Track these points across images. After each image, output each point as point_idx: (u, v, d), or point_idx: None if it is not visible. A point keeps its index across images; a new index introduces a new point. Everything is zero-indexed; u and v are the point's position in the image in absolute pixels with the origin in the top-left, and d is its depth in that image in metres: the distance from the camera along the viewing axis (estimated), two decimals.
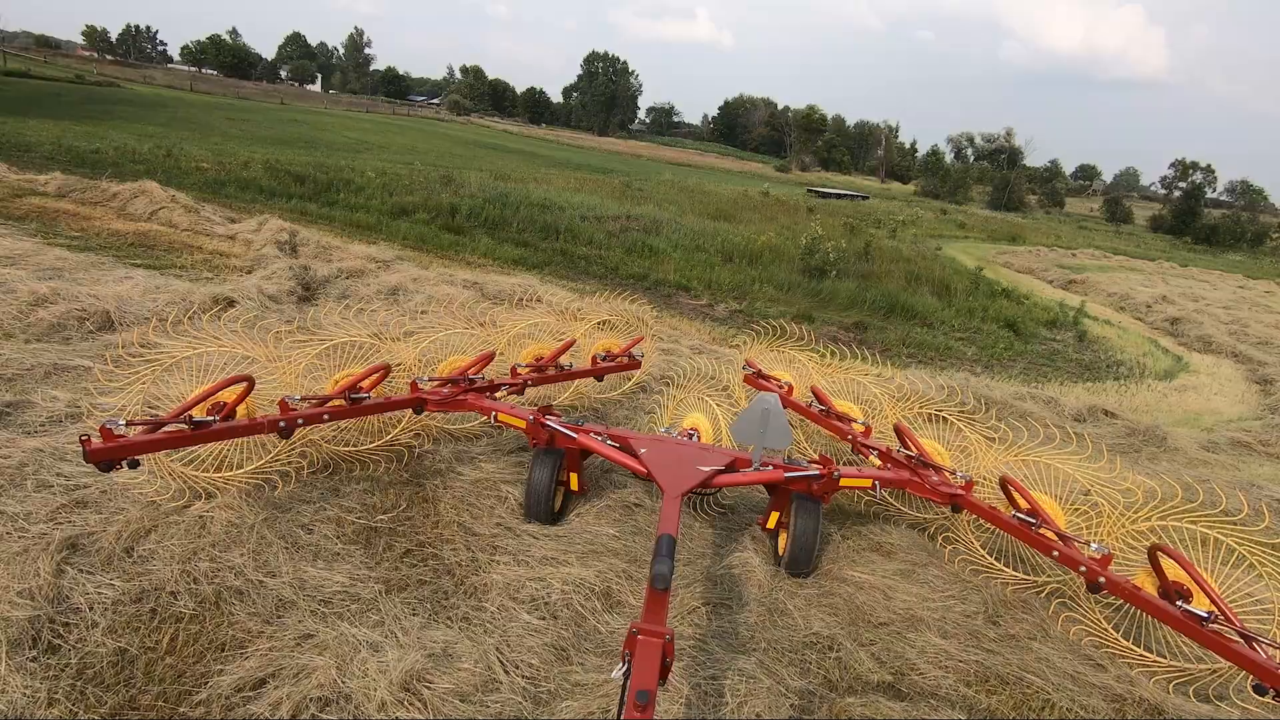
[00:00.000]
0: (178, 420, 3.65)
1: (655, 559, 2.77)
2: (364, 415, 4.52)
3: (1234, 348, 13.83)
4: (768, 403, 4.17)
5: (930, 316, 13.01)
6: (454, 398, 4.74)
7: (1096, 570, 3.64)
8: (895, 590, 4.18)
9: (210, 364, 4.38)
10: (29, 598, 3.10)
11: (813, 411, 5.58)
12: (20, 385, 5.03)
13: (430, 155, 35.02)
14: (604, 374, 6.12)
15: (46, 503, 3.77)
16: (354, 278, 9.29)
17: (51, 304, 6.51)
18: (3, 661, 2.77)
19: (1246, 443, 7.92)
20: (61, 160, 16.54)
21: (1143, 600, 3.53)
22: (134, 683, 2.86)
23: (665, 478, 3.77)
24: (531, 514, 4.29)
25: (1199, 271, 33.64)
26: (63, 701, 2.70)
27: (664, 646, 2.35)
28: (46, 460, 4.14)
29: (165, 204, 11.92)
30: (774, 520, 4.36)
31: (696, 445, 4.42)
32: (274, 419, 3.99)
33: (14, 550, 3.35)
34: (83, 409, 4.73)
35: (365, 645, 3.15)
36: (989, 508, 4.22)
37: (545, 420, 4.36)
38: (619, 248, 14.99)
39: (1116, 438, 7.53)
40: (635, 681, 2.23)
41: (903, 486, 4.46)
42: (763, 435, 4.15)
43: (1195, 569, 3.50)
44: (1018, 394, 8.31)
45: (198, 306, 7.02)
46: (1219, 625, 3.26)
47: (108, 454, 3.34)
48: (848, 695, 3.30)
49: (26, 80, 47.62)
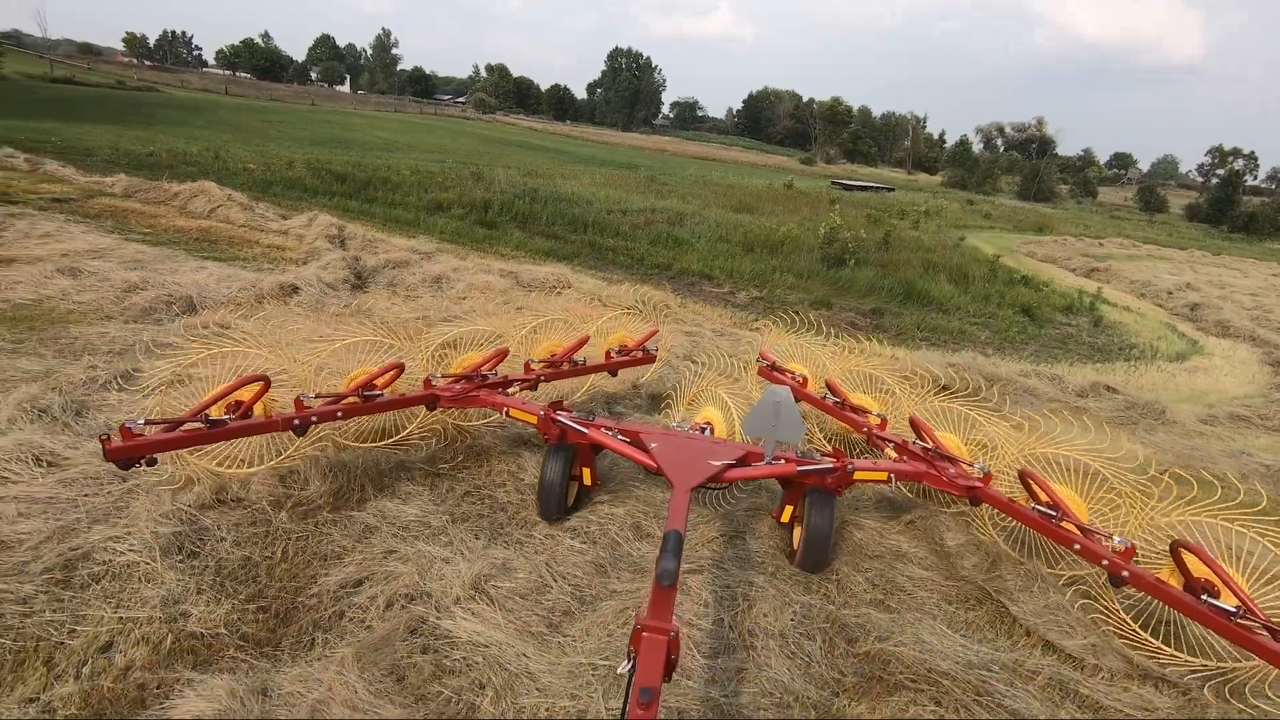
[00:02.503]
0: (194, 419, 3.74)
1: (661, 555, 2.74)
2: (378, 412, 4.53)
3: (1253, 332, 13.97)
4: (779, 395, 4.13)
5: (946, 303, 13.40)
6: (467, 394, 4.74)
7: (1120, 564, 3.58)
8: (889, 533, 4.74)
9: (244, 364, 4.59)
10: (168, 519, 3.82)
11: (827, 404, 5.57)
12: (130, 357, 5.81)
13: (459, 154, 35.90)
14: (618, 369, 6.11)
15: None
16: (399, 268, 10.03)
17: (142, 290, 7.33)
18: (159, 562, 3.48)
19: (1245, 417, 8.28)
20: (120, 163, 17.61)
21: (1167, 594, 3.46)
22: (259, 580, 3.56)
23: (675, 472, 3.74)
24: (545, 510, 4.27)
25: (1232, 259, 33.14)
26: (207, 591, 3.40)
27: (669, 643, 2.34)
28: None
29: (223, 202, 12.82)
30: (788, 514, 4.33)
31: (708, 439, 4.43)
32: (289, 416, 4.03)
33: (150, 483, 4.07)
34: (181, 376, 5.48)
35: (439, 559, 3.82)
36: (1008, 500, 4.15)
37: (556, 415, 4.32)
38: (644, 239, 15.60)
39: (1116, 410, 7.96)
40: (639, 678, 2.20)
41: (919, 479, 4.38)
42: (774, 428, 4.09)
43: (1218, 564, 3.43)
44: (1023, 371, 8.76)
45: (267, 292, 7.79)
46: (1246, 620, 3.19)
47: (126, 452, 3.45)
48: (843, 609, 3.88)
49: (73, 86, 49.86)
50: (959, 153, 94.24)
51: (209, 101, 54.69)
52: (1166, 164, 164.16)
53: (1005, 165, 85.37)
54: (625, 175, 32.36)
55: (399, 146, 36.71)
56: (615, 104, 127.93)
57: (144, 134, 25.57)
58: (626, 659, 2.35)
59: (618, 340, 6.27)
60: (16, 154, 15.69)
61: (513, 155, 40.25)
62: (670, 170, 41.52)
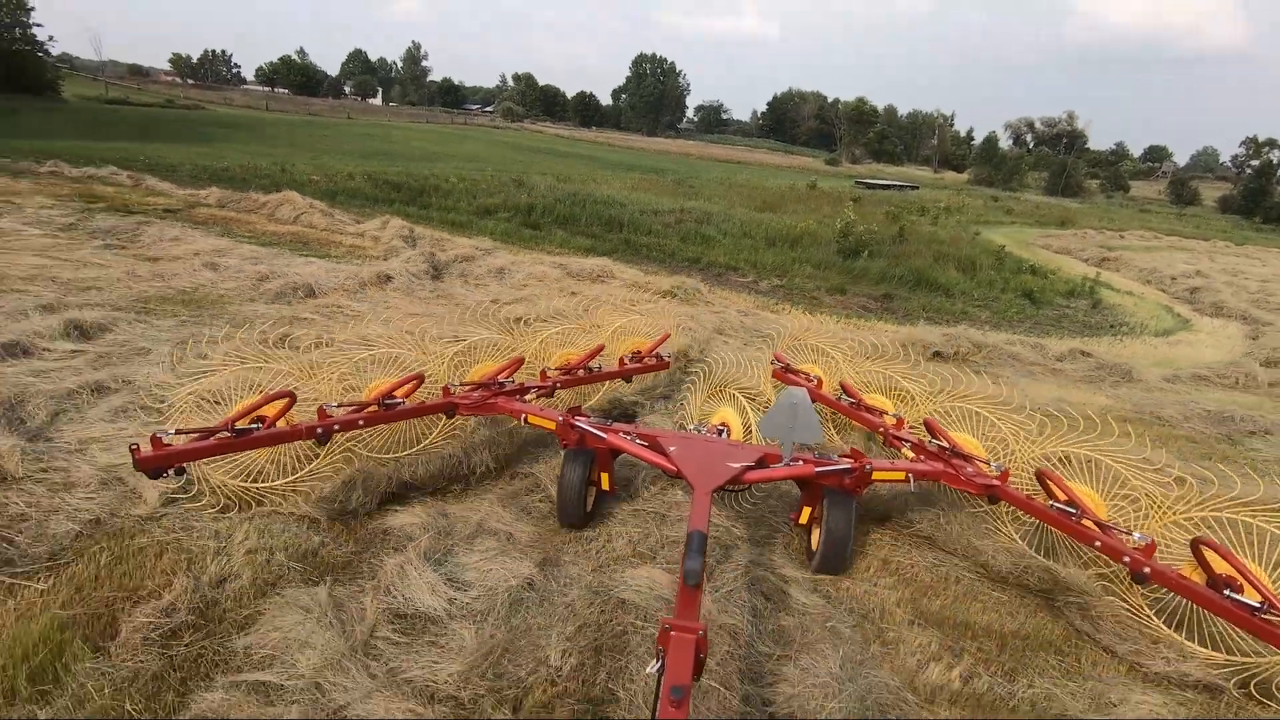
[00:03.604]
0: (222, 429, 3.86)
1: (686, 555, 2.80)
2: (398, 420, 4.66)
3: (1246, 312, 14.92)
4: (796, 397, 4.15)
5: (953, 288, 14.64)
6: (485, 401, 4.84)
7: (1141, 560, 3.57)
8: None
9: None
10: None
11: (843, 405, 5.68)
12: (278, 329, 7.44)
13: (493, 162, 37.77)
14: (632, 375, 6.20)
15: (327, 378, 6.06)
16: (466, 261, 11.66)
17: (272, 280, 9.03)
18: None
19: (1205, 377, 9.45)
20: (202, 178, 19.66)
21: (1190, 590, 3.46)
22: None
23: (695, 475, 3.81)
24: (564, 516, 4.29)
25: (1255, 249, 33.52)
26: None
27: (697, 642, 2.37)
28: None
29: (305, 210, 14.64)
30: (806, 516, 4.32)
31: (725, 441, 4.48)
32: (311, 425, 4.14)
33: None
34: (322, 340, 7.10)
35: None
36: (1026, 498, 4.18)
37: (575, 421, 4.37)
38: (675, 236, 17.09)
39: (1088, 371, 9.21)
40: (669, 677, 2.25)
41: (937, 478, 4.41)
42: (792, 430, 4.11)
43: (1239, 560, 3.44)
44: (1009, 340, 10.03)
45: (367, 280, 9.45)
46: (1270, 615, 3.20)
47: (156, 462, 3.54)
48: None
49: (128, 107, 52.36)
50: (986, 150, 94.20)
51: (255, 118, 57.41)
52: (1207, 156, 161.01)
53: (1032, 161, 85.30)
54: (653, 179, 33.89)
55: (438, 156, 38.78)
56: (640, 109, 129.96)
57: (209, 150, 27.88)
58: (655, 658, 2.40)
59: (631, 347, 6.43)
60: (120, 172, 17.79)
61: (544, 162, 42.05)
62: (696, 174, 43.00)
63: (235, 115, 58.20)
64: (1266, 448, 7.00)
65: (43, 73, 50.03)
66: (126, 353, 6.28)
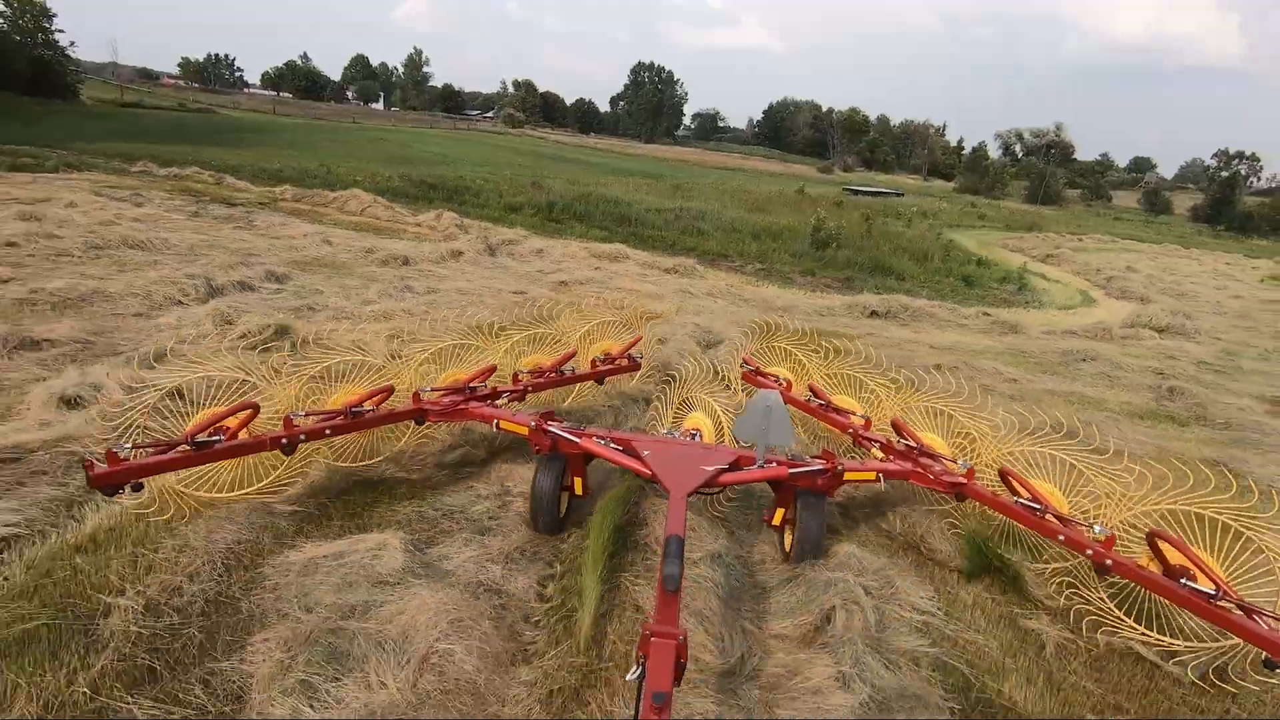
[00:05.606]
0: (182, 443, 3.68)
1: (664, 560, 2.78)
2: (367, 428, 4.50)
3: (1145, 294, 18.10)
4: (769, 400, 4.20)
5: (905, 274, 17.76)
6: (456, 408, 4.72)
7: (1102, 553, 3.67)
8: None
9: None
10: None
11: (812, 406, 5.71)
12: (386, 286, 10.34)
13: (501, 166, 40.53)
14: (604, 377, 6.15)
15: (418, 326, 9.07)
16: (512, 244, 14.75)
17: (375, 253, 12.03)
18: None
19: (1074, 332, 12.57)
20: (261, 177, 22.60)
21: (1150, 580, 3.56)
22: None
23: (670, 479, 3.79)
24: (537, 522, 4.22)
25: (1198, 252, 36.74)
26: None
27: (678, 647, 2.38)
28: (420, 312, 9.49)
29: (369, 204, 17.69)
30: (779, 517, 4.33)
31: (700, 445, 4.47)
32: (276, 435, 4.00)
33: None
34: (433, 289, 10.09)
35: None
36: (992, 494, 4.26)
37: (547, 426, 4.28)
38: (675, 230, 20.21)
39: (985, 326, 12.33)
40: (651, 683, 2.26)
41: (906, 477, 4.48)
42: (765, 433, 4.16)
43: (1193, 551, 3.55)
44: (930, 304, 13.15)
45: (446, 254, 12.49)
46: (1224, 602, 3.28)
47: (111, 478, 3.37)
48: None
49: (144, 110, 52.95)
50: (973, 159, 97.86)
51: (268, 121, 58.85)
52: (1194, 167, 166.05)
53: (1014, 171, 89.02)
54: (653, 183, 37.01)
55: (451, 160, 41.52)
56: (638, 116, 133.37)
57: (251, 153, 30.80)
58: (635, 665, 2.40)
59: (603, 349, 6.40)
60: (202, 171, 20.75)
61: (549, 167, 44.52)
62: (693, 179, 46.14)
63: (247, 119, 59.66)
64: (1088, 367, 10.08)
65: (65, 76, 51.44)
66: (308, 291, 9.30)
